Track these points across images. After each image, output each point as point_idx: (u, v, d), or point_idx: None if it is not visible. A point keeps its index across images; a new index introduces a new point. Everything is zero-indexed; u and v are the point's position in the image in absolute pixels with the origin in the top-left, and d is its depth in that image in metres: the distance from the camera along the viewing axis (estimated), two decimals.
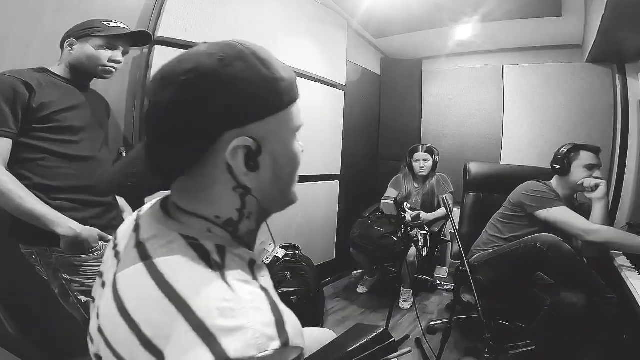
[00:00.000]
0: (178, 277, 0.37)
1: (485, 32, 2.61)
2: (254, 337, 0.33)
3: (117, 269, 0.44)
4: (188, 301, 0.35)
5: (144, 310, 0.37)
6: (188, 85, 0.37)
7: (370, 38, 3.02)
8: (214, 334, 0.33)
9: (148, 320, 0.36)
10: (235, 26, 1.76)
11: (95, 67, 1.10)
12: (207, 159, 0.41)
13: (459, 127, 3.07)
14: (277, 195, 0.47)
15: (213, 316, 0.34)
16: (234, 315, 0.34)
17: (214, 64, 0.38)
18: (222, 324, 0.34)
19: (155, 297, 0.36)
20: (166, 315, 0.35)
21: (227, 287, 0.37)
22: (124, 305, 0.38)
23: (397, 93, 3.24)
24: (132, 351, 0.36)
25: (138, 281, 0.39)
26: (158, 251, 0.40)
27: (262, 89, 0.40)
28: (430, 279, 2.70)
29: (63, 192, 1.03)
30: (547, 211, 1.55)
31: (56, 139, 1.02)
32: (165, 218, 0.45)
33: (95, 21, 1.10)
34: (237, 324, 0.34)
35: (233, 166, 0.40)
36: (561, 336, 1.39)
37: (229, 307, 0.35)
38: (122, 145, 1.49)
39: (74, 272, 1.03)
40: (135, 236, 0.45)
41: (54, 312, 1.12)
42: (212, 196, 0.43)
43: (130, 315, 0.37)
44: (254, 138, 0.40)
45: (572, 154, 1.61)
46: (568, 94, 2.61)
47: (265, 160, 0.42)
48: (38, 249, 1.03)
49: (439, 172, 2.63)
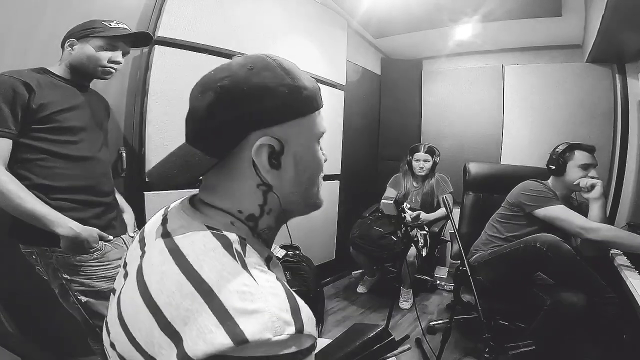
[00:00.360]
0: (201, 263, 0.39)
1: (485, 32, 2.61)
2: (271, 321, 0.35)
3: (143, 258, 0.46)
4: (210, 285, 0.37)
5: (166, 293, 0.38)
6: (222, 90, 0.43)
7: (370, 38, 3.02)
8: (232, 316, 0.35)
9: (170, 303, 0.37)
10: (236, 26, 1.76)
11: (95, 68, 1.10)
12: (235, 155, 0.45)
13: (459, 127, 3.07)
14: (298, 195, 0.50)
15: (233, 299, 0.36)
16: (252, 299, 0.36)
17: (244, 73, 0.43)
18: (241, 307, 0.35)
19: (178, 281, 0.38)
20: (187, 298, 0.36)
21: (248, 274, 0.39)
22: (148, 290, 0.40)
23: (397, 93, 3.24)
24: (150, 335, 0.37)
25: (163, 267, 0.41)
26: (183, 240, 0.43)
27: (286, 95, 0.44)
28: (430, 279, 2.70)
29: (63, 192, 1.03)
30: (545, 209, 1.55)
31: (56, 140, 1.02)
32: (192, 211, 0.48)
33: (97, 21, 1.10)
34: (255, 307, 0.35)
35: (257, 163, 0.44)
36: (561, 336, 1.39)
37: (249, 291, 0.37)
38: (122, 145, 1.49)
39: (73, 272, 1.03)
40: (162, 228, 0.48)
41: (54, 312, 1.12)
42: (236, 191, 0.47)
43: (152, 298, 0.39)
44: (278, 139, 0.44)
45: (567, 154, 1.61)
46: (568, 94, 2.61)
47: (288, 160, 0.46)
48: (38, 249, 1.03)
49: (438, 173, 2.63)
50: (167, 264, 0.41)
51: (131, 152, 1.51)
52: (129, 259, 0.52)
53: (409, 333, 2.01)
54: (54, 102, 1.01)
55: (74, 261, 1.03)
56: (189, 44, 1.57)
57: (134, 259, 0.49)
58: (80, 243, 1.00)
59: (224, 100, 0.43)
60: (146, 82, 1.48)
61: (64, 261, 1.02)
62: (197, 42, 1.59)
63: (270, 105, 0.43)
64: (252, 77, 0.43)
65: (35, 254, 1.03)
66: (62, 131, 1.03)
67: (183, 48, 1.55)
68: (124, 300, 0.44)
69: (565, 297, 1.35)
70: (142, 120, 1.48)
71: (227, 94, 0.43)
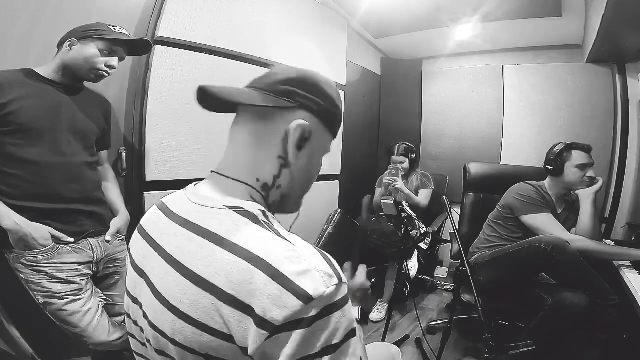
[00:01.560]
0: (241, 239, 0.43)
1: (485, 32, 2.61)
2: (320, 276, 0.41)
3: (167, 251, 0.48)
4: (260, 256, 0.41)
5: (222, 273, 0.41)
6: (303, 74, 0.54)
7: (370, 38, 3.02)
8: (290, 278, 0.39)
9: (230, 281, 0.41)
10: (236, 26, 1.76)
11: (89, 70, 1.08)
12: (272, 122, 0.51)
13: (459, 127, 3.07)
14: (295, 190, 0.56)
15: (285, 264, 0.40)
16: (299, 261, 0.41)
17: (322, 77, 0.56)
18: (295, 269, 0.40)
19: (229, 259, 0.42)
20: (244, 273, 0.40)
21: (284, 240, 0.44)
22: (201, 277, 0.43)
23: (397, 93, 3.24)
24: (217, 314, 0.41)
25: (203, 252, 0.44)
26: (210, 222, 0.46)
27: (334, 111, 0.56)
28: (430, 279, 2.70)
29: (11, 197, 1.00)
30: (531, 217, 1.57)
31: (13, 142, 0.98)
32: (204, 198, 0.51)
33: (102, 24, 1.09)
34: (306, 267, 0.41)
35: (290, 136, 0.51)
36: (561, 336, 1.39)
37: (294, 255, 0.42)
38: (122, 145, 1.49)
39: (27, 271, 1.02)
40: (177, 220, 0.51)
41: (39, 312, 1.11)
42: (259, 156, 0.52)
43: (209, 281, 0.42)
44: (310, 130, 0.52)
45: (565, 154, 1.61)
46: (568, 94, 2.61)
47: (305, 152, 0.53)
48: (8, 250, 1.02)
49: (422, 170, 2.61)
50: (207, 247, 0.44)
51: (131, 152, 1.51)
52: (142, 262, 0.53)
53: (409, 333, 2.01)
54: (13, 102, 0.97)
55: (24, 260, 1.02)
56: (189, 44, 1.57)
57: (151, 258, 0.51)
58: (24, 239, 0.98)
59: (301, 79, 0.53)
60: (146, 82, 1.48)
61: (17, 260, 1.02)
62: (197, 42, 1.59)
63: (324, 106, 0.54)
64: (325, 82, 0.55)
65: (8, 255, 1.04)
66: (19, 133, 0.99)
67: (183, 48, 1.55)
68: (173, 297, 0.45)
69: (567, 297, 1.35)
70: (142, 120, 1.48)
71: (305, 77, 0.53)
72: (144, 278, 0.51)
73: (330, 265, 0.43)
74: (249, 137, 0.53)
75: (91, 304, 1.11)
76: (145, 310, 0.50)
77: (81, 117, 1.13)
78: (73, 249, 1.09)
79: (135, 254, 0.56)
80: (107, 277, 1.24)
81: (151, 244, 0.52)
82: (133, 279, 0.54)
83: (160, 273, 0.48)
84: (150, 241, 0.53)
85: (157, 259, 0.49)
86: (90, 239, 1.15)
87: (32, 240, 1.00)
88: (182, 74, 1.55)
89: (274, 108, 0.51)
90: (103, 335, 1.13)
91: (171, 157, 1.56)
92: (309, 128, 0.52)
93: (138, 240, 0.57)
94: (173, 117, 1.54)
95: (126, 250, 1.28)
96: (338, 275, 0.43)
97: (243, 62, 1.80)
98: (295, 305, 0.38)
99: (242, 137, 0.53)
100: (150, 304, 0.48)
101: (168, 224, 0.52)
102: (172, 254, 0.47)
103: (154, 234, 0.53)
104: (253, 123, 0.53)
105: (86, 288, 1.12)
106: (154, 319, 0.47)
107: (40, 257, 1.03)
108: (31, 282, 1.03)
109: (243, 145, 0.53)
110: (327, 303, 0.40)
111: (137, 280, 0.53)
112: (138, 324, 0.53)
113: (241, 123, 0.54)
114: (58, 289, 1.05)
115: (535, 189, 1.63)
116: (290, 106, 0.51)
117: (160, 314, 0.46)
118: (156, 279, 0.48)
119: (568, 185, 1.62)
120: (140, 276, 0.52)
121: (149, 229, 0.56)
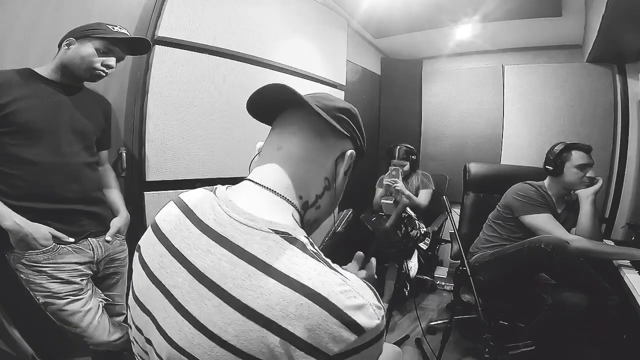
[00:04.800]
0: (295, 271, 0.42)
1: (485, 32, 2.61)
2: (372, 309, 0.42)
3: (199, 269, 0.45)
4: (317, 290, 0.41)
5: (277, 307, 0.40)
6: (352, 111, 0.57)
7: (370, 38, 3.01)
8: (347, 314, 0.40)
9: (285, 314, 0.40)
10: (236, 26, 1.75)
11: (86, 69, 1.07)
12: (328, 146, 0.54)
13: (459, 127, 3.07)
14: (328, 212, 0.58)
15: (342, 299, 0.41)
16: (354, 296, 0.42)
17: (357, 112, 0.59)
18: (351, 304, 0.41)
19: (283, 292, 0.41)
20: (301, 308, 0.40)
21: (336, 272, 0.44)
22: (250, 307, 0.41)
23: (397, 93, 3.23)
24: (267, 347, 0.40)
25: (252, 281, 0.42)
26: (255, 247, 0.44)
27: (364, 143, 0.60)
28: (430, 279, 2.70)
29: (12, 197, 1.00)
30: (531, 217, 1.57)
31: (13, 143, 0.98)
32: (243, 214, 0.47)
33: (101, 24, 1.09)
34: (361, 302, 0.42)
35: (344, 161, 0.55)
36: (561, 336, 1.39)
37: (349, 289, 0.42)
38: (122, 145, 1.49)
39: (28, 271, 1.02)
40: (208, 232, 0.47)
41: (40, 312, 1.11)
42: (310, 173, 0.53)
43: (261, 314, 0.40)
44: (353, 160, 0.56)
45: (564, 154, 1.60)
46: (568, 94, 2.61)
47: (346, 178, 0.57)
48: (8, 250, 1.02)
49: (422, 170, 2.61)
50: (255, 276, 0.42)
51: (131, 152, 1.51)
52: (156, 268, 0.49)
53: (409, 333, 2.02)
54: (13, 102, 0.97)
55: (25, 261, 1.01)
56: (189, 44, 1.57)
57: (169, 268, 0.47)
58: (24, 239, 0.98)
59: (353, 114, 0.57)
60: (146, 82, 1.47)
61: (18, 260, 1.02)
62: (197, 42, 1.59)
63: (361, 143, 0.59)
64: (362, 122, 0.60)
65: (7, 254, 1.03)
66: (18, 133, 0.99)
67: (183, 48, 1.55)
68: (208, 319, 0.42)
69: (567, 297, 1.35)
70: (142, 120, 1.48)
71: (354, 113, 0.57)
72: (163, 292, 0.47)
73: (377, 297, 0.45)
74: (303, 152, 0.52)
75: (91, 304, 1.11)
76: (164, 326, 0.46)
77: (81, 117, 1.13)
78: (73, 249, 1.09)
79: (148, 257, 0.51)
80: (107, 277, 1.24)
81: (174, 254, 0.48)
82: (147, 287, 0.49)
83: (190, 293, 0.44)
84: (172, 250, 0.48)
85: (184, 274, 0.45)
86: (90, 239, 1.15)
87: (33, 240, 1.00)
88: (182, 74, 1.55)
89: (332, 131, 0.52)
90: (103, 336, 1.13)
91: (171, 157, 1.55)
92: (354, 158, 0.56)
93: (154, 242, 0.51)
94: (173, 117, 1.54)
95: (126, 250, 1.28)
96: (382, 305, 0.45)
97: (243, 62, 1.80)
98: (352, 338, 0.40)
99: (294, 150, 0.52)
100: (173, 323, 0.45)
101: (197, 236, 0.47)
102: (208, 274, 0.44)
103: (178, 243, 0.48)
104: (309, 140, 0.52)
105: (86, 288, 1.12)
106: (181, 340, 0.43)
107: (41, 257, 1.03)
108: (31, 282, 1.03)
109: (295, 159, 0.52)
110: (376, 333, 0.43)
111: (151, 290, 0.48)
112: (145, 335, 0.50)
113: (294, 134, 0.52)
114: (58, 289, 1.05)
115: (535, 189, 1.63)
116: (345, 134, 0.54)
117: (191, 337, 0.43)
118: (183, 297, 0.44)
119: (568, 186, 1.62)
120: (158, 288, 0.48)
121: (169, 232, 0.50)
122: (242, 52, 1.79)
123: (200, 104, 1.62)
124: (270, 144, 0.54)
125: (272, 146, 0.53)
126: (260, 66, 1.89)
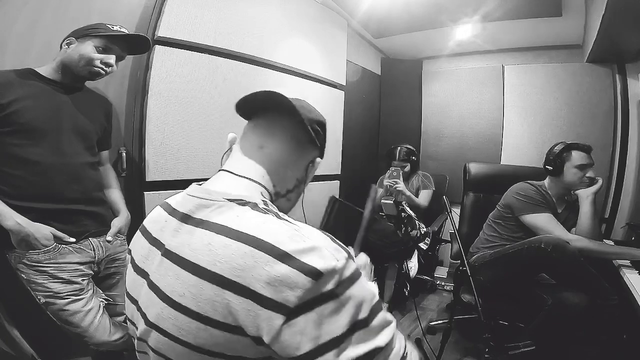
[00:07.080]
0: (241, 225, 0.43)
1: (485, 32, 2.61)
2: (328, 252, 0.40)
3: (167, 248, 0.48)
4: (262, 237, 0.40)
5: (223, 260, 0.40)
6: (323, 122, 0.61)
7: (370, 38, 3.01)
8: (295, 257, 0.39)
9: (232, 267, 0.39)
10: (236, 26, 1.75)
11: (84, 67, 1.07)
12: (304, 152, 0.58)
13: (459, 127, 3.07)
14: (294, 202, 0.62)
15: (288, 243, 0.40)
16: (303, 239, 0.40)
17: None
18: (297, 247, 0.39)
19: (229, 245, 0.41)
20: (246, 257, 0.39)
21: (285, 221, 0.44)
22: (201, 267, 0.42)
23: (397, 93, 3.24)
24: (221, 304, 0.39)
25: (203, 241, 0.43)
26: (211, 214, 0.46)
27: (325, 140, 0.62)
28: (430, 279, 2.70)
29: (14, 198, 0.99)
30: (532, 217, 1.57)
31: (14, 143, 0.98)
32: (204, 193, 0.50)
33: (102, 24, 1.09)
34: (311, 245, 0.40)
35: (312, 169, 0.61)
36: (561, 336, 1.39)
37: (297, 234, 0.41)
38: (122, 145, 1.49)
39: (29, 271, 1.02)
40: (177, 216, 0.51)
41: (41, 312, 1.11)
42: (286, 174, 0.57)
43: (210, 270, 0.41)
44: None
45: (564, 155, 1.60)
46: (568, 94, 2.61)
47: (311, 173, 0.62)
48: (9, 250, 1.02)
49: (422, 171, 2.61)
50: (206, 237, 0.43)
51: (131, 152, 1.51)
52: (144, 264, 0.52)
53: (409, 333, 2.02)
54: (15, 102, 0.97)
55: (26, 260, 1.01)
56: (189, 44, 1.57)
57: (151, 257, 0.51)
58: (26, 239, 0.98)
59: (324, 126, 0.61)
60: (146, 82, 1.47)
61: (19, 260, 1.02)
62: (197, 42, 1.59)
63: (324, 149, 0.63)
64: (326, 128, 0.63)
65: (9, 255, 1.03)
66: (20, 133, 0.98)
67: (183, 48, 1.55)
68: (173, 292, 0.44)
69: (567, 297, 1.35)
70: (142, 120, 1.48)
71: (324, 124, 0.61)
72: (146, 279, 0.50)
73: (335, 241, 0.43)
74: (284, 155, 0.56)
75: (92, 304, 1.11)
76: (145, 310, 0.48)
77: (82, 117, 1.13)
78: (75, 249, 1.09)
79: (136, 254, 0.56)
80: (108, 277, 1.24)
81: (152, 242, 0.52)
82: (133, 280, 0.53)
83: (160, 270, 0.47)
84: (150, 239, 0.53)
85: (158, 257, 0.49)
86: (91, 239, 1.15)
87: (34, 240, 1.00)
88: (182, 74, 1.55)
89: (310, 141, 0.56)
90: (104, 335, 1.13)
91: (171, 157, 1.56)
92: None
93: (139, 239, 0.56)
94: (173, 117, 1.54)
95: (127, 250, 1.28)
96: (346, 250, 0.42)
97: (243, 62, 1.80)
98: (306, 283, 0.37)
99: (275, 153, 0.55)
100: (150, 303, 0.47)
101: (169, 221, 0.51)
102: (173, 249, 0.47)
103: (155, 232, 0.53)
104: (289, 144, 0.56)
105: (87, 288, 1.12)
106: (155, 316, 0.45)
107: (42, 257, 1.03)
108: (32, 282, 1.03)
109: (275, 160, 0.55)
110: (340, 277, 0.39)
111: (137, 282, 0.52)
112: (136, 323, 0.53)
113: (276, 137, 0.56)
114: (59, 289, 1.05)
115: (536, 189, 1.63)
116: (316, 145, 0.58)
117: (161, 311, 0.44)
118: (156, 277, 0.47)
119: (568, 185, 1.62)
120: (142, 277, 0.51)
121: (151, 228, 0.55)
122: (242, 52, 1.79)
123: (200, 104, 1.62)
124: (248, 140, 0.57)
125: (251, 143, 0.56)
126: (260, 66, 1.89)
